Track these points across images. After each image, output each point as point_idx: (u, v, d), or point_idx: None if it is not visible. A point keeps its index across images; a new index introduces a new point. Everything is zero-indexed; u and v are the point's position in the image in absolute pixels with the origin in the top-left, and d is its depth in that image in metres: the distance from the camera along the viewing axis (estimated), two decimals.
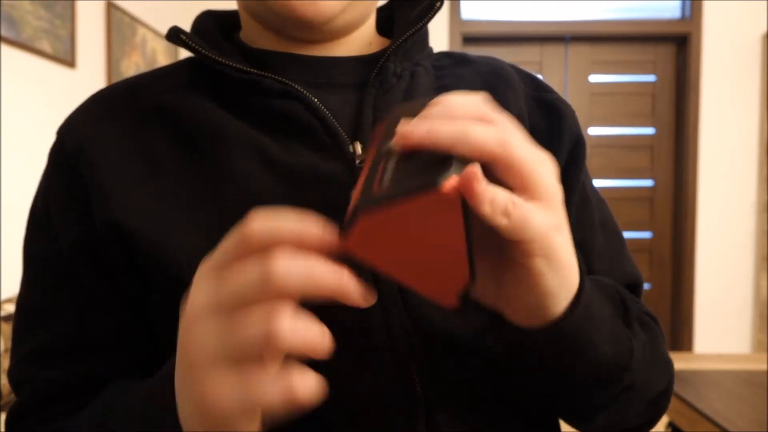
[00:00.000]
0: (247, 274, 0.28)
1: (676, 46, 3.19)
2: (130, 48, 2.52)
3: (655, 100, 3.22)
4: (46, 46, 1.94)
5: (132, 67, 2.53)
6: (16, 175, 1.79)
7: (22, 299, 0.49)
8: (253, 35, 0.51)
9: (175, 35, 0.47)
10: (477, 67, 0.54)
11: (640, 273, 0.55)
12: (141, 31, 2.61)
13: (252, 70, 0.45)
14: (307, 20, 0.46)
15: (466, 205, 0.28)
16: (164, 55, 2.85)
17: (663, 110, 3.22)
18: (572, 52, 3.22)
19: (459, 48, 3.09)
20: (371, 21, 0.54)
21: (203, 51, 0.46)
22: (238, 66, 0.45)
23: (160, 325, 0.45)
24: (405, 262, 0.29)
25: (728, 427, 1.26)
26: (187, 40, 0.46)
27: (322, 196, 0.42)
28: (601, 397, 0.41)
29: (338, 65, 0.50)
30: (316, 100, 0.46)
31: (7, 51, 1.76)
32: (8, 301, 1.61)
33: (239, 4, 0.52)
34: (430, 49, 0.55)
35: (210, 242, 0.41)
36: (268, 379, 0.28)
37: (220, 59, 0.45)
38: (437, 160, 0.29)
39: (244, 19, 0.52)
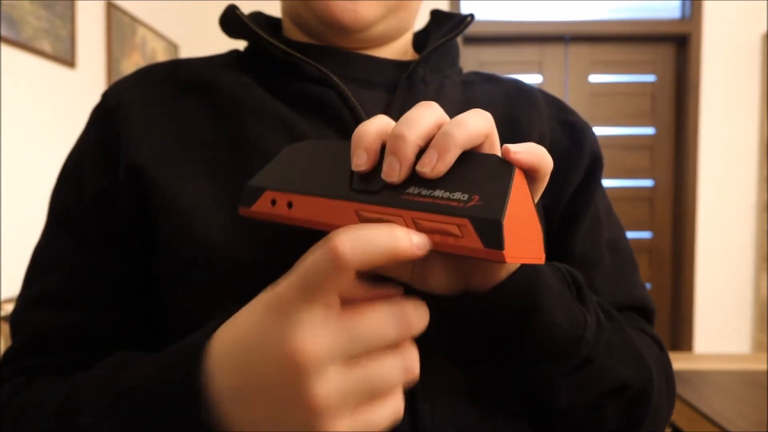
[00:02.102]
0: (380, 328, 0.30)
1: (676, 46, 3.18)
2: (130, 48, 2.52)
3: (655, 100, 3.21)
4: (46, 46, 1.94)
5: (132, 67, 2.53)
6: (16, 175, 1.79)
7: (37, 247, 0.51)
8: (295, 37, 0.55)
9: (231, 12, 0.52)
10: (504, 86, 0.57)
11: (651, 300, 0.56)
12: (141, 31, 2.61)
13: (295, 54, 0.49)
14: (346, 26, 0.49)
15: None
16: (164, 55, 2.85)
17: (663, 110, 3.22)
18: (572, 52, 3.21)
19: (459, 49, 3.09)
20: (408, 37, 0.58)
21: (254, 29, 0.50)
22: (283, 47, 0.49)
23: (161, 281, 0.47)
24: (521, 241, 0.31)
25: (728, 427, 1.25)
26: (241, 17, 0.51)
27: None
28: (557, 369, 0.41)
29: (372, 65, 0.53)
30: (349, 92, 0.49)
31: (7, 51, 1.76)
32: (8, 301, 1.61)
33: (283, 11, 0.56)
34: (460, 68, 0.59)
35: (226, 203, 0.44)
36: (388, 408, 0.31)
37: (269, 38, 0.49)
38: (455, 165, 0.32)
39: (286, 23, 0.56)
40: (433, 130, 0.33)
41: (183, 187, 0.45)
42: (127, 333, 0.47)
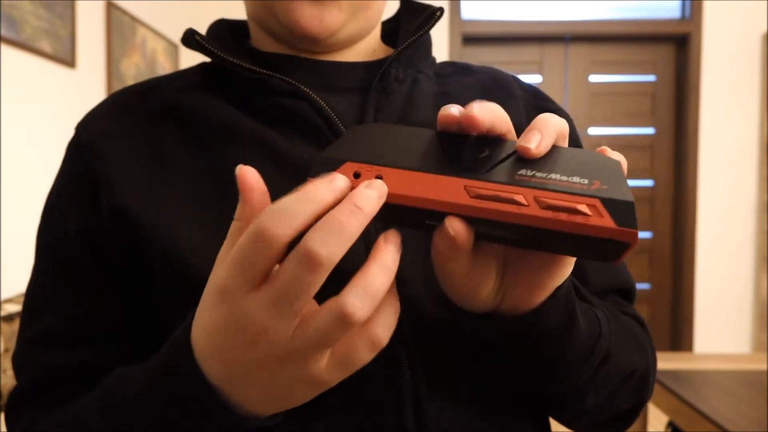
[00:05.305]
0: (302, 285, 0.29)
1: (676, 46, 3.19)
2: (130, 48, 2.52)
3: (655, 100, 3.22)
4: (46, 46, 1.94)
5: (132, 67, 2.53)
6: (16, 175, 1.79)
7: (30, 286, 0.51)
8: (262, 43, 0.54)
9: (190, 36, 0.50)
10: (479, 76, 0.56)
11: (633, 280, 0.57)
12: (141, 31, 2.61)
13: (261, 70, 0.48)
14: (312, 35, 0.48)
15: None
16: (164, 55, 2.85)
17: (663, 110, 3.22)
18: (572, 52, 3.21)
19: (459, 48, 3.10)
20: (376, 32, 0.57)
21: (216, 51, 0.49)
22: (248, 66, 0.48)
23: (161, 312, 0.47)
24: None
25: (728, 427, 1.26)
26: (201, 41, 0.49)
27: None
28: (586, 371, 0.42)
29: (343, 70, 0.52)
30: (321, 101, 0.48)
31: (7, 51, 1.76)
32: (8, 301, 1.61)
33: (248, 15, 0.54)
34: (434, 59, 0.58)
35: (212, 230, 0.44)
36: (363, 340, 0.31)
37: (231, 59, 0.48)
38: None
39: (253, 29, 0.55)
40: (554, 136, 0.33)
41: (168, 219, 0.45)
42: (132, 359, 0.48)
